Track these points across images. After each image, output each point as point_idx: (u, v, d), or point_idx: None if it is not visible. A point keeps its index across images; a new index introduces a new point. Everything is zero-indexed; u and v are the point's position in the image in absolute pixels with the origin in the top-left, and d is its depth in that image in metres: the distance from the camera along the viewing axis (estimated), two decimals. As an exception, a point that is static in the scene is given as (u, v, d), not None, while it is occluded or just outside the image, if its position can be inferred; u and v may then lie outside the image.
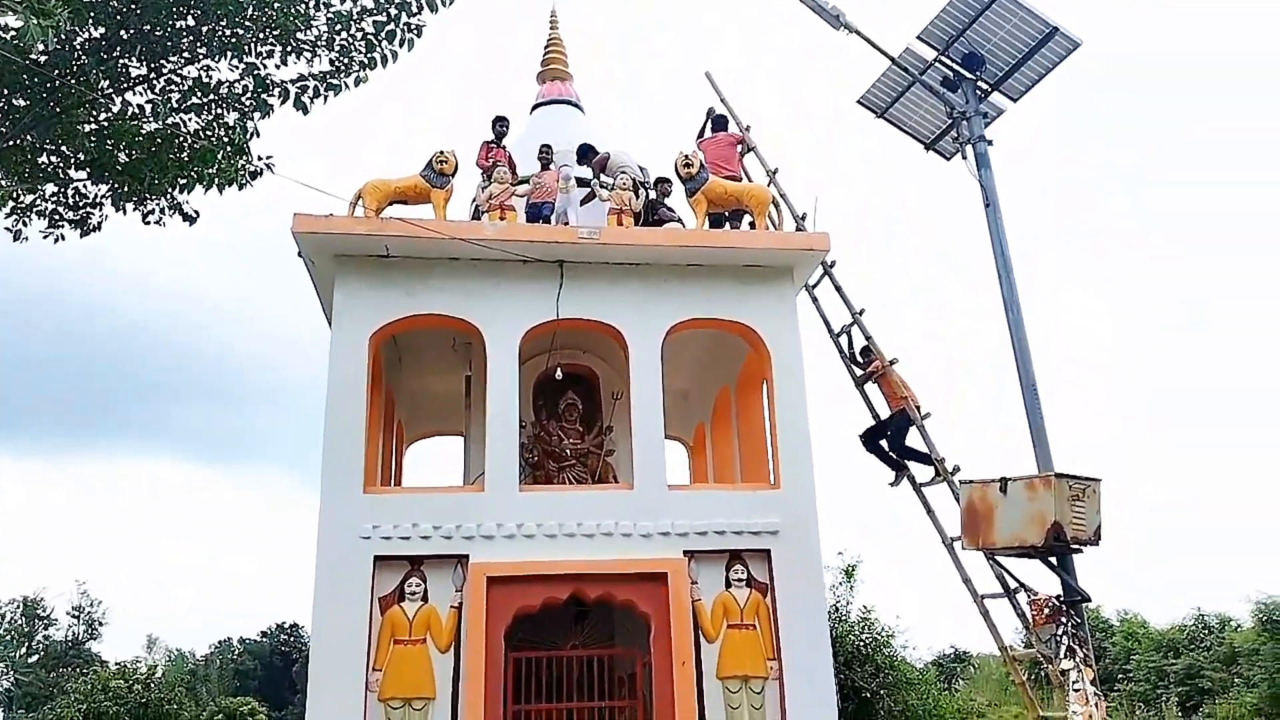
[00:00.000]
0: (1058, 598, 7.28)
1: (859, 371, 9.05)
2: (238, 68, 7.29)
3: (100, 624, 33.60)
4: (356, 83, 7.55)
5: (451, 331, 9.08)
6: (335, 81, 7.46)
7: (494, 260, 8.58)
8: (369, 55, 7.43)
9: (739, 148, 10.42)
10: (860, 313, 9.10)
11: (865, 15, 9.44)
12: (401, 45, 7.43)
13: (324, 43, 7.33)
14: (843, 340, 9.22)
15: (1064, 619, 7.17)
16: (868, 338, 8.98)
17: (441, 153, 9.05)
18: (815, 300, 9.41)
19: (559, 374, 9.48)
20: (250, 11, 6.89)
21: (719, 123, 10.67)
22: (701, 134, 10.79)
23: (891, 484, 8.68)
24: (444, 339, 9.81)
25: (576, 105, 11.92)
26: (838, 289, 9.23)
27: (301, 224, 8.17)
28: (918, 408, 8.60)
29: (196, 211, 8.16)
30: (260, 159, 7.95)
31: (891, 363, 8.78)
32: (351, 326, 8.33)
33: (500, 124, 9.79)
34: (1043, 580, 7.44)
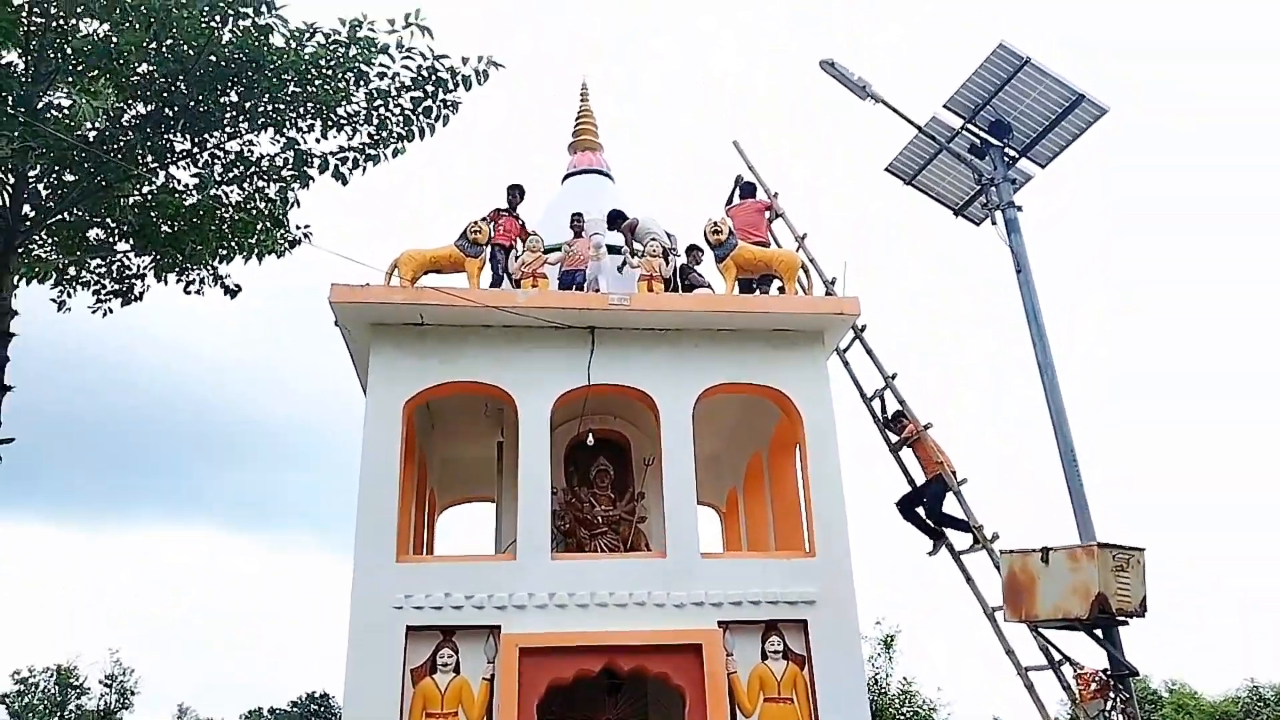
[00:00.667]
0: (1105, 671, 6.98)
1: (893, 437, 8.94)
2: (279, 141, 7.42)
3: (132, 693, 33.31)
4: (394, 154, 7.66)
5: (484, 398, 9.07)
6: (374, 153, 7.57)
7: (526, 327, 8.61)
8: (406, 129, 7.55)
9: (767, 214, 10.47)
10: (892, 377, 9.01)
11: (891, 83, 9.51)
12: (438, 120, 7.55)
13: (363, 117, 7.46)
14: (876, 405, 9.13)
15: (1112, 694, 6.86)
16: (901, 402, 8.89)
17: (475, 223, 9.16)
18: (847, 364, 9.36)
19: (590, 440, 9.39)
20: (292, 88, 7.03)
21: (747, 189, 10.73)
22: (730, 201, 10.85)
23: (930, 553, 8.50)
24: (476, 405, 9.79)
25: (606, 174, 12.04)
26: (869, 353, 9.17)
27: (339, 294, 8.25)
28: (954, 473, 8.45)
29: (238, 285, 8.25)
30: (298, 228, 8.04)
31: (926, 427, 8.65)
32: (386, 394, 8.36)
33: (514, 193, 9.91)
34: (1088, 652, 7.23)
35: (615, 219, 10.28)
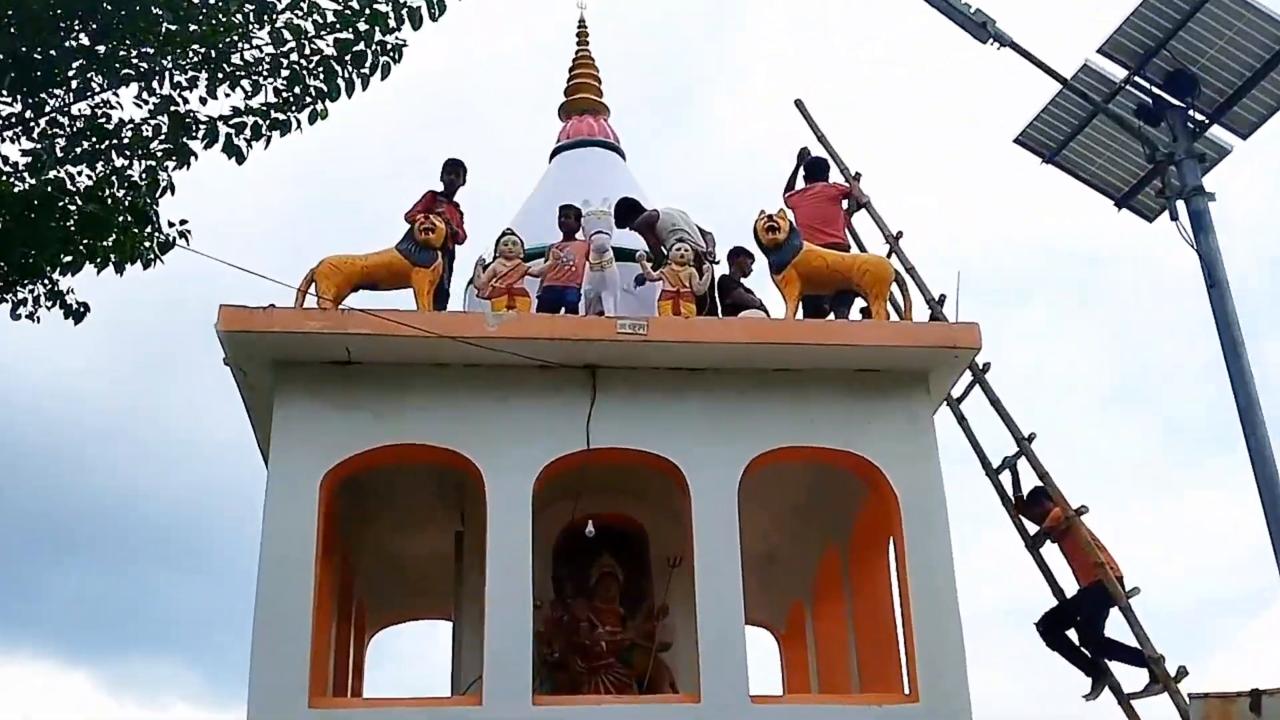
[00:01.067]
0: None
1: (1031, 526, 8.91)
2: (146, 102, 7.43)
3: None
4: (313, 118, 7.66)
5: (437, 468, 9.07)
6: (282, 117, 7.56)
7: (498, 367, 8.59)
8: (329, 83, 7.55)
9: (844, 203, 10.48)
10: (1030, 439, 8.95)
11: (1022, 21, 9.54)
12: (374, 71, 7.55)
13: (267, 67, 7.48)
14: (1005, 478, 9.08)
15: None
16: (1042, 476, 8.83)
17: (426, 217, 9.17)
18: (962, 420, 9.33)
19: (591, 530, 9.30)
20: (166, 26, 7.05)
21: (815, 168, 10.78)
22: (791, 186, 10.88)
23: (1088, 696, 8.46)
24: (427, 480, 9.80)
25: (614, 148, 12.11)
26: (995, 404, 9.13)
27: (229, 320, 8.24)
28: (1120, 579, 8.38)
29: (84, 304, 8.22)
30: (172, 225, 8.04)
31: (1078, 513, 8.58)
32: (296, 463, 8.35)
33: (452, 171, 10.00)
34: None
35: (627, 212, 10.30)
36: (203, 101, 7.52)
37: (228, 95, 7.56)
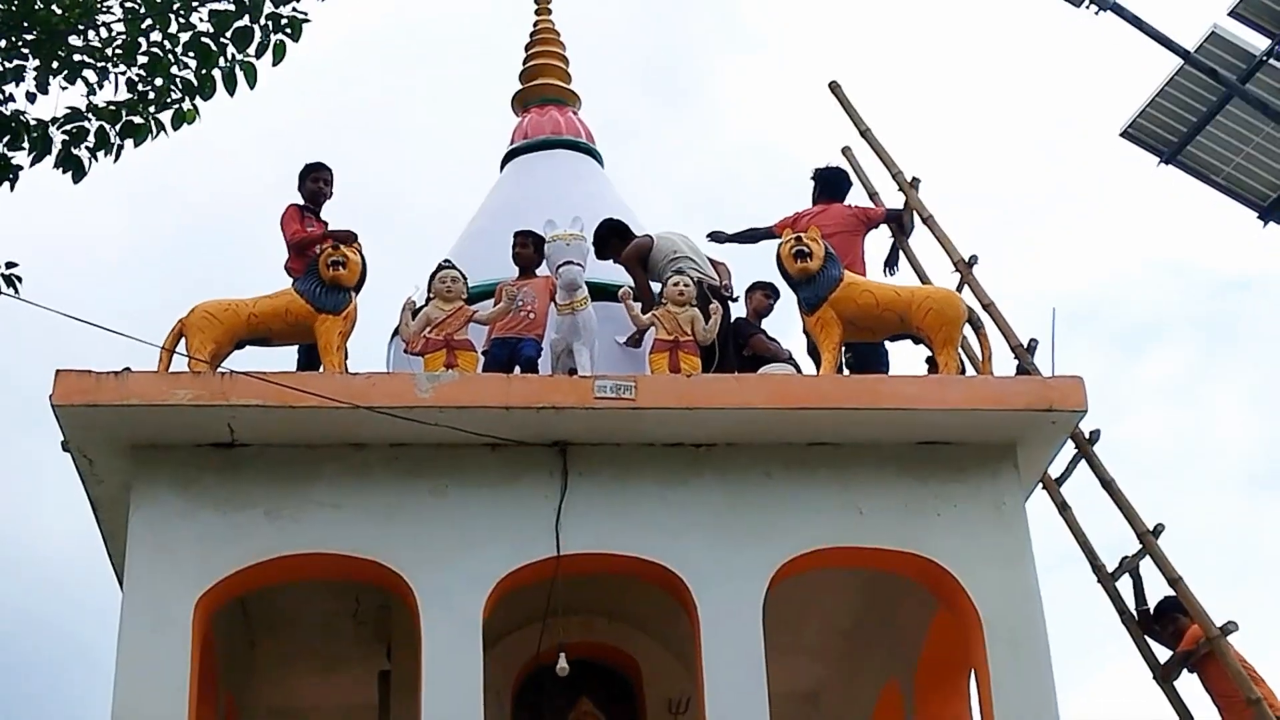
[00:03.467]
0: None
1: (1160, 650, 8.90)
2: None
3: None
4: (177, 121, 7.64)
5: (355, 587, 9.17)
6: (138, 119, 7.55)
7: (434, 447, 8.65)
8: (202, 74, 7.55)
9: (873, 228, 10.64)
10: (1157, 532, 8.95)
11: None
12: (262, 54, 7.55)
13: (119, 51, 7.48)
14: (1124, 586, 9.10)
15: None
16: (1173, 582, 8.81)
17: (335, 243, 9.14)
18: (1064, 508, 9.35)
19: (564, 667, 9.23)
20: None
21: (827, 183, 10.91)
22: (820, 201, 10.88)
23: None
24: (340, 602, 9.85)
25: (587, 149, 12.18)
26: (1107, 486, 9.14)
27: (69, 389, 8.21)
28: (1283, 720, 8.39)
29: None
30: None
31: (1224, 631, 8.56)
32: (160, 582, 8.33)
33: (315, 177, 10.05)
34: None
35: (609, 239, 10.41)
36: (30, 99, 7.51)
37: (64, 89, 7.56)
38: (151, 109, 7.61)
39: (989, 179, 32.05)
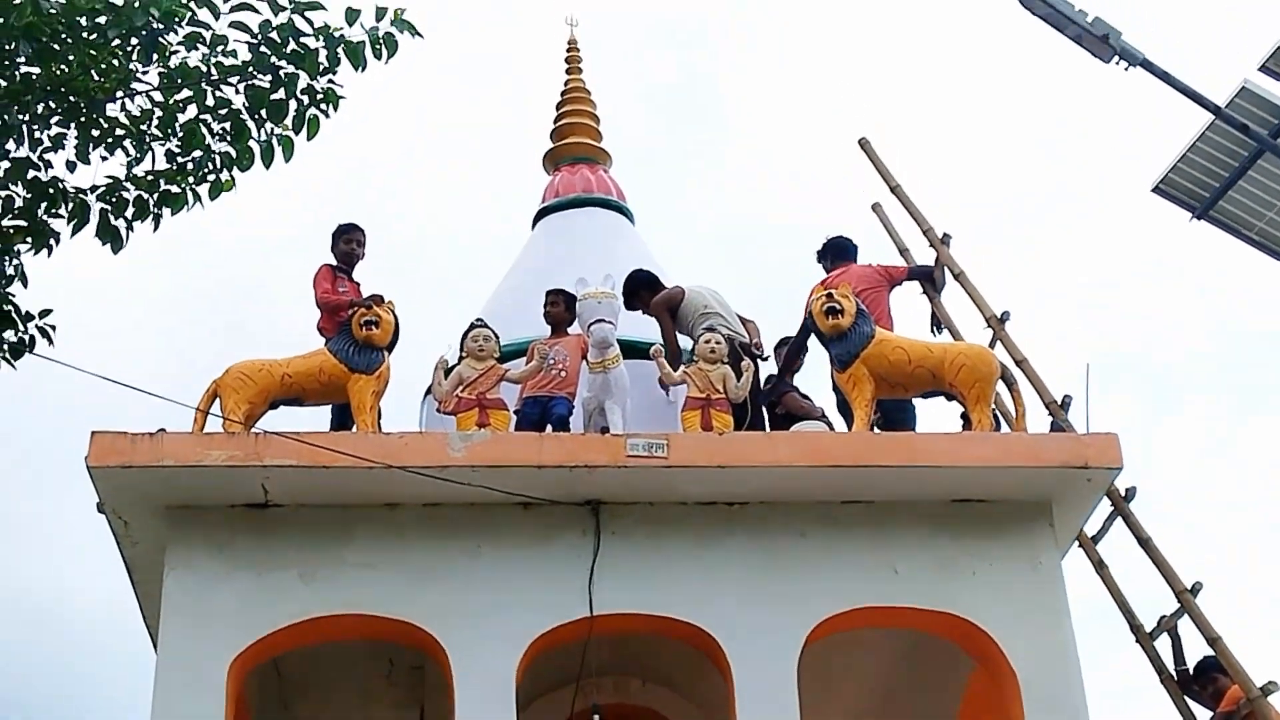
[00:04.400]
0: None
1: (1200, 711, 8.82)
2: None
3: None
4: (215, 191, 7.71)
5: (388, 648, 9.16)
6: (175, 189, 7.61)
7: (467, 506, 8.65)
8: (239, 144, 7.61)
9: (893, 287, 10.64)
10: (1194, 590, 8.87)
11: (1158, 40, 9.63)
12: (300, 129, 7.62)
13: (156, 123, 7.53)
14: (1163, 645, 9.02)
15: None
16: (1213, 641, 8.69)
17: (369, 305, 9.20)
18: (1100, 567, 9.30)
19: (597, 726, 9.23)
20: (22, 65, 7.13)
21: (838, 249, 10.92)
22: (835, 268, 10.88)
23: None
24: (373, 662, 9.84)
25: (619, 207, 12.24)
26: (1144, 544, 9.07)
27: (104, 451, 8.27)
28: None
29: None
30: (30, 318, 8.07)
31: (1265, 691, 8.47)
32: (195, 644, 8.32)
33: (348, 239, 10.12)
34: None
35: (640, 290, 10.44)
36: (70, 167, 7.57)
37: (105, 159, 7.62)
38: (189, 180, 7.68)
39: (1020, 233, 31.94)
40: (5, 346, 7.88)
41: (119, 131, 7.55)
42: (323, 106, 7.65)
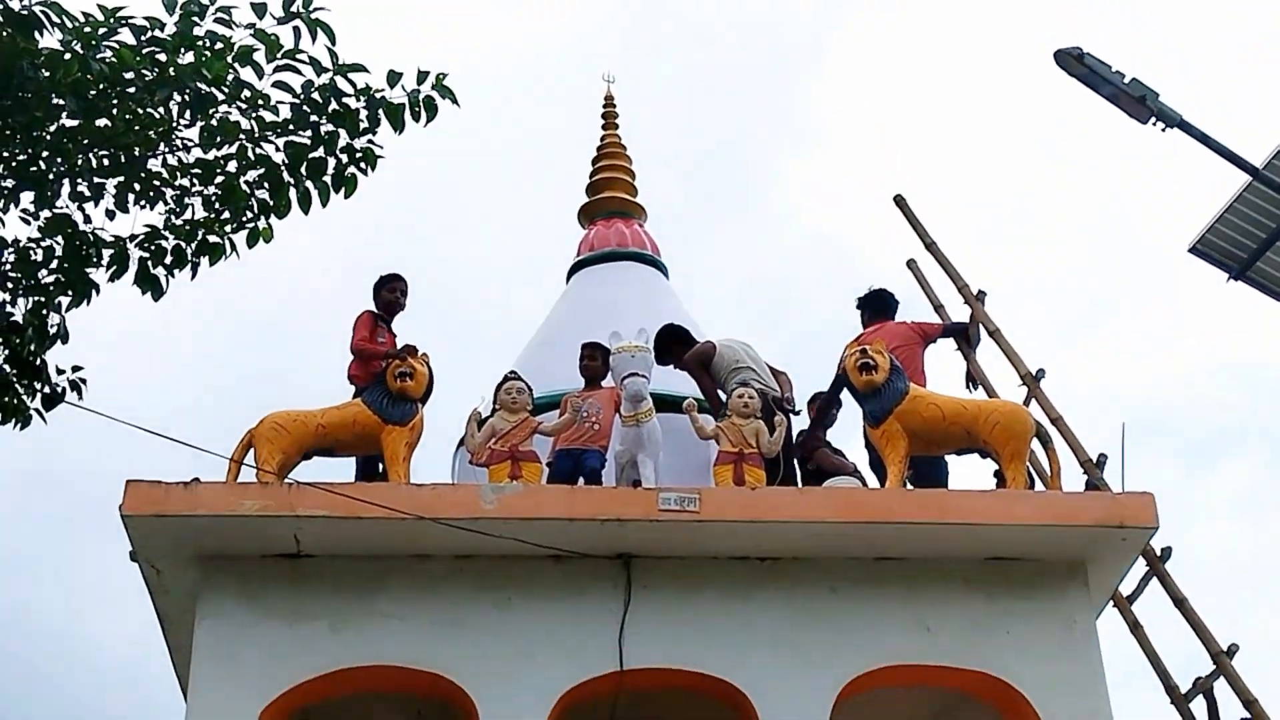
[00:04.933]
0: None
1: None
2: (37, 217, 7.53)
3: None
4: (252, 240, 7.77)
5: (416, 699, 9.07)
6: (214, 238, 7.67)
7: (499, 559, 8.66)
8: (277, 196, 7.67)
9: (934, 342, 10.68)
10: (1230, 651, 8.81)
11: (1195, 102, 9.65)
12: (338, 190, 7.68)
13: (196, 174, 7.60)
14: (1198, 707, 8.88)
15: None
16: (1249, 704, 8.60)
17: (401, 358, 9.27)
18: (1136, 627, 9.24)
19: (626, 780, 9.18)
20: (66, 120, 7.18)
21: (877, 304, 10.95)
22: (872, 323, 10.90)
23: None
24: (402, 713, 9.77)
25: (653, 261, 12.27)
26: (1180, 604, 9.00)
27: (139, 500, 8.30)
28: None
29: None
30: (61, 373, 8.12)
31: (1301, 755, 8.34)
32: (225, 693, 8.32)
33: (391, 288, 10.22)
34: None
35: (672, 344, 10.45)
36: (109, 215, 7.64)
37: (143, 208, 7.68)
38: (228, 228, 7.74)
39: (1057, 291, 31.92)
40: (40, 398, 7.95)
41: (157, 183, 7.62)
42: (361, 165, 7.72)
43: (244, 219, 7.71)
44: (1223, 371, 34.70)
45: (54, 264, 7.64)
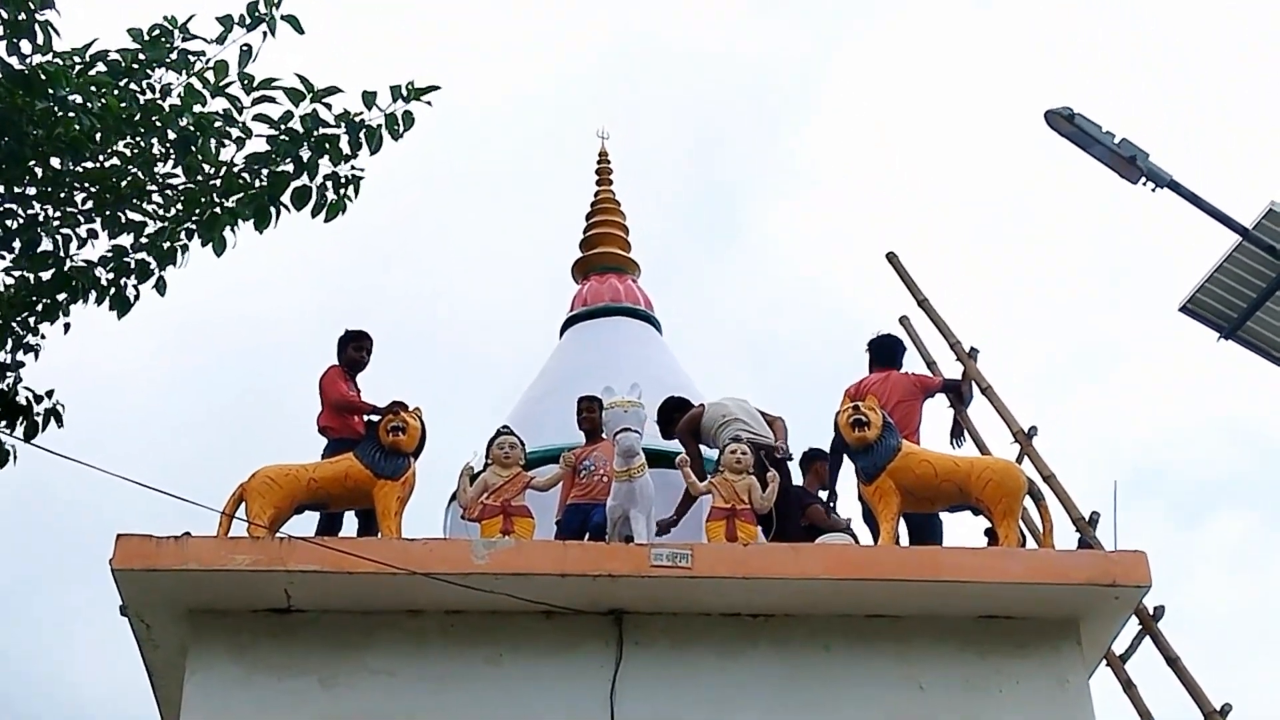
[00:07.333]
0: None
1: None
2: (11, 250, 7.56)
3: None
4: (220, 248, 7.77)
5: None
6: (169, 245, 7.66)
7: (490, 614, 8.61)
8: (260, 222, 7.68)
9: (934, 398, 10.68)
10: (1223, 711, 8.74)
11: (1185, 165, 9.69)
12: (320, 212, 7.71)
13: (180, 209, 7.61)
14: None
15: None
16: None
17: (395, 412, 9.23)
18: (1129, 687, 9.13)
19: (616, 840, 9.10)
20: (52, 168, 7.20)
21: (882, 351, 11.00)
22: (877, 369, 10.91)
23: None
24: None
25: (647, 317, 12.28)
26: (1172, 663, 8.94)
27: (127, 554, 8.28)
28: None
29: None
30: (40, 400, 8.10)
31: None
32: (215, 749, 8.29)
33: (356, 345, 10.25)
34: None
35: (673, 416, 10.49)
36: (80, 243, 7.68)
37: (110, 234, 7.70)
38: (182, 235, 7.75)
39: (1049, 348, 31.97)
40: (20, 431, 7.96)
41: (137, 217, 7.65)
42: (343, 192, 7.75)
43: (208, 224, 7.69)
44: (1213, 427, 34.74)
45: (26, 291, 7.68)
